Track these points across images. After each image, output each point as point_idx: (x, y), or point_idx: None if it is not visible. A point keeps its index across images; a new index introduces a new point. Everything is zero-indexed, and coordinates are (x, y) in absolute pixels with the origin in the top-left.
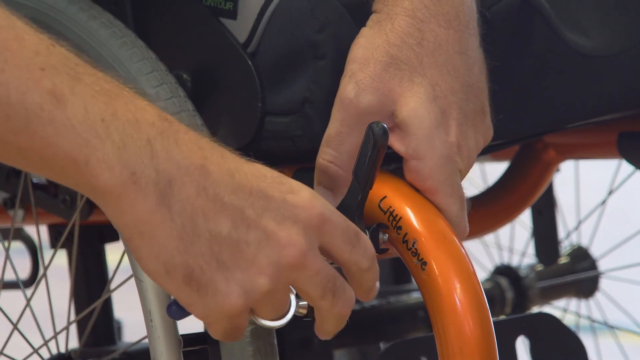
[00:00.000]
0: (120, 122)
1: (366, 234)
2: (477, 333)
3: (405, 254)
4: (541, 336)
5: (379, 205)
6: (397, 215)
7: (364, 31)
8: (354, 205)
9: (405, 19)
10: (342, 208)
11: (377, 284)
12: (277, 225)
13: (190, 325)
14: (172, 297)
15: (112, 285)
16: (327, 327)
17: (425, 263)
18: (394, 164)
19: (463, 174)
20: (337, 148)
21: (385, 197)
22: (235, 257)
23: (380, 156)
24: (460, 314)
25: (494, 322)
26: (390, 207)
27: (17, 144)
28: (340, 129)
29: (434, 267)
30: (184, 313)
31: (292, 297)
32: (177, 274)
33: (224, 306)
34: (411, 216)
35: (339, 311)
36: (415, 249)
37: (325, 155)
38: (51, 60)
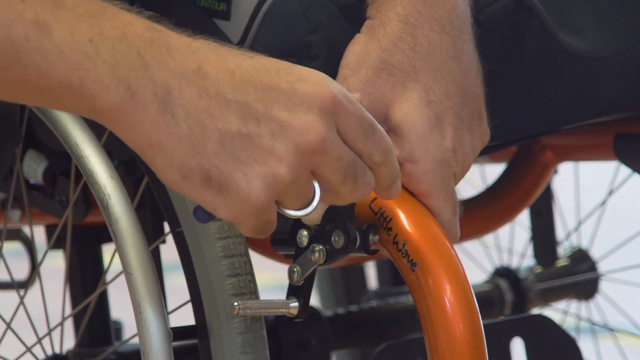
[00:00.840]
0: (109, 40)
1: (357, 235)
2: (466, 335)
3: (396, 255)
4: (536, 337)
5: (370, 206)
6: (387, 216)
7: (358, 38)
8: (344, 207)
9: (397, 24)
10: (332, 210)
11: (398, 183)
12: (290, 114)
13: (180, 319)
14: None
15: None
16: (341, 203)
17: (415, 264)
18: None
19: (458, 178)
20: None
21: (376, 198)
22: (251, 152)
23: None
24: (450, 316)
25: (489, 324)
26: (381, 208)
27: (10, 79)
28: None
29: (424, 268)
30: (209, 216)
31: (316, 185)
32: (195, 177)
33: (249, 202)
34: (402, 217)
35: (358, 195)
36: (406, 250)
37: None
38: None
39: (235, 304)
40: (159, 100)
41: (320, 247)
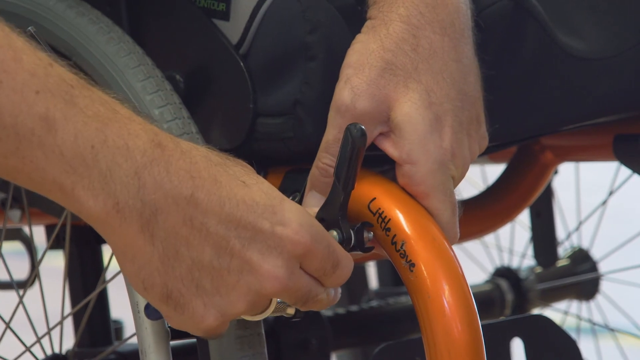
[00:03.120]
0: (110, 150)
1: (351, 233)
2: (465, 335)
3: (394, 256)
4: (536, 338)
5: (369, 207)
6: (386, 217)
7: (359, 37)
8: (336, 207)
9: (400, 25)
10: (325, 209)
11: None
12: (261, 257)
13: None
14: None
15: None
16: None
17: (413, 265)
18: (387, 165)
19: (456, 181)
20: (335, 154)
21: (374, 198)
22: (216, 284)
23: (359, 158)
24: (449, 316)
25: (488, 324)
26: (380, 208)
27: (6, 165)
28: (338, 136)
29: (422, 268)
30: (160, 315)
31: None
32: (155, 292)
33: (200, 325)
34: (400, 218)
35: (319, 307)
36: (404, 250)
37: (325, 160)
38: (47, 83)
39: None
40: (144, 220)
41: None
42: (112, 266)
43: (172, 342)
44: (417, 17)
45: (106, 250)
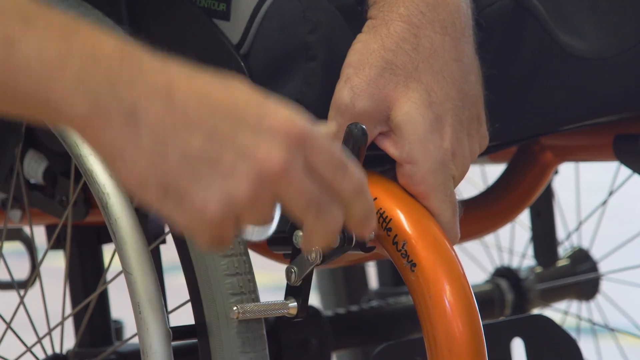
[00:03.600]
0: (77, 57)
1: (352, 233)
2: (466, 335)
3: (395, 256)
4: (536, 338)
5: None
6: (387, 217)
7: (360, 37)
8: None
9: (400, 24)
10: None
11: (372, 221)
12: (255, 138)
13: (180, 318)
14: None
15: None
16: (312, 238)
17: (414, 264)
18: (388, 165)
19: (457, 180)
20: None
21: (375, 198)
22: (212, 170)
23: (361, 157)
24: (450, 316)
25: (489, 324)
26: (381, 208)
27: None
28: (337, 135)
29: (424, 268)
30: (162, 223)
31: (276, 209)
32: (152, 187)
33: (204, 214)
34: (401, 218)
35: (320, 229)
36: (405, 250)
37: None
38: (1, 4)
39: (235, 308)
40: (124, 117)
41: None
42: (113, 267)
43: (174, 343)
44: (418, 17)
45: (107, 251)
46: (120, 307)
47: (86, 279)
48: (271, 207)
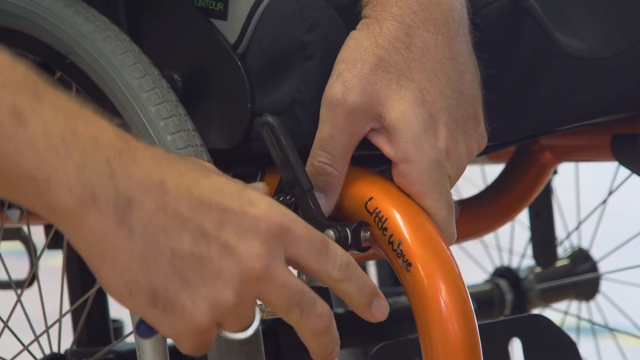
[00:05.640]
0: (80, 141)
1: (348, 233)
2: (461, 335)
3: (391, 255)
4: (534, 338)
5: (366, 206)
6: (383, 216)
7: (353, 34)
8: (311, 210)
9: (393, 23)
10: (305, 218)
11: (378, 299)
12: (238, 239)
13: None
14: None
15: None
16: (307, 342)
17: (410, 264)
18: (385, 165)
19: (453, 180)
20: (331, 151)
21: (371, 198)
22: (199, 273)
23: (289, 143)
24: (445, 316)
25: (486, 324)
26: (377, 208)
27: None
28: (332, 132)
29: (419, 268)
30: (152, 332)
31: (257, 310)
32: (142, 295)
33: (191, 323)
34: (397, 218)
35: (310, 327)
36: (401, 250)
37: (320, 158)
38: (12, 78)
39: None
40: (119, 211)
41: None
42: None
43: (170, 341)
44: (411, 16)
45: None
46: (120, 307)
47: (84, 277)
48: (252, 309)
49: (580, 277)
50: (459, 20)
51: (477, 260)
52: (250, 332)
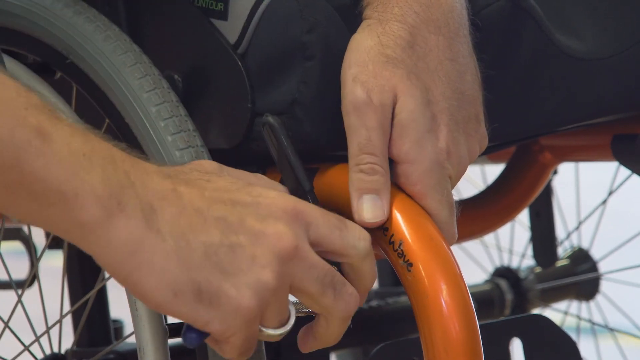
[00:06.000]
0: (99, 157)
1: None
2: (462, 335)
3: (392, 255)
4: (534, 338)
5: None
6: None
7: (355, 36)
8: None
9: (396, 24)
10: None
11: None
12: (261, 225)
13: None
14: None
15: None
16: (332, 329)
17: (411, 264)
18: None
19: (454, 180)
20: (373, 151)
21: None
22: (235, 261)
23: (289, 143)
24: (446, 316)
25: (487, 324)
26: None
27: (5, 182)
28: (368, 134)
29: (420, 268)
30: (201, 335)
31: (291, 307)
32: (187, 293)
33: (239, 311)
34: (398, 217)
35: (343, 307)
36: (402, 250)
37: (366, 160)
38: (31, 101)
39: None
40: (146, 217)
41: None
42: None
43: (170, 342)
44: (412, 16)
45: None
46: (120, 307)
47: (85, 278)
48: (287, 298)
49: (580, 277)
50: (459, 21)
51: (477, 260)
52: (288, 327)
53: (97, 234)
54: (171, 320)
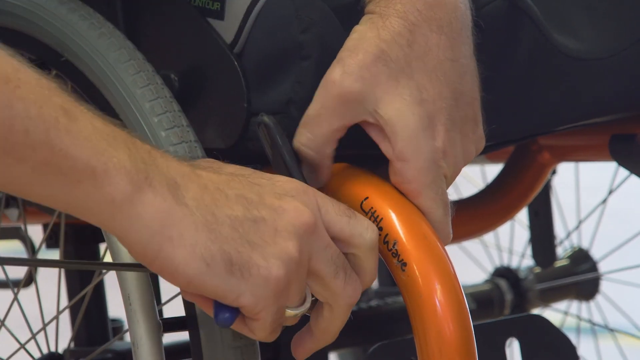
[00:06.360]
0: (122, 137)
1: None
2: (456, 335)
3: (386, 255)
4: (532, 338)
5: (361, 206)
6: (378, 216)
7: (357, 27)
8: None
9: (397, 20)
10: None
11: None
12: (280, 201)
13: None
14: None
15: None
16: (335, 320)
17: (405, 264)
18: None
19: (449, 180)
20: (312, 130)
21: (367, 197)
22: (259, 234)
23: (284, 142)
24: (440, 316)
25: (484, 324)
26: (372, 207)
27: (35, 160)
28: (320, 111)
29: (414, 268)
30: (234, 314)
31: (307, 289)
32: (218, 264)
33: (269, 281)
34: (392, 217)
35: (351, 293)
36: (396, 249)
37: (302, 138)
38: (51, 84)
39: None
40: (172, 191)
41: None
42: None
43: (165, 340)
44: (414, 14)
45: (102, 249)
46: (120, 307)
47: (83, 277)
48: (305, 282)
49: (580, 277)
50: (463, 21)
51: (477, 260)
52: (306, 306)
53: (127, 210)
54: (166, 315)
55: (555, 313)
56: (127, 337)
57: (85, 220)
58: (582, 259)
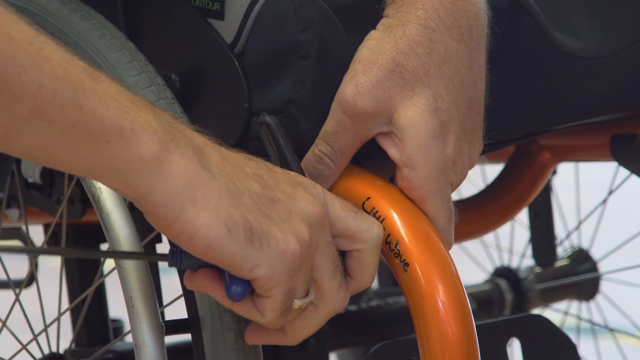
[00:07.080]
0: (144, 101)
1: None
2: (459, 334)
3: (388, 255)
4: (533, 337)
5: (363, 206)
6: (380, 216)
7: (374, 34)
8: None
9: (417, 27)
10: None
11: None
12: (293, 189)
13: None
14: (226, 279)
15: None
16: (312, 323)
17: (407, 264)
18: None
19: (454, 187)
20: (332, 144)
21: (369, 198)
22: (276, 210)
23: (286, 142)
24: (442, 316)
25: (485, 324)
26: (374, 208)
27: (63, 121)
28: (337, 128)
29: (417, 268)
30: (246, 288)
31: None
32: (239, 230)
33: (286, 254)
34: (394, 217)
35: (340, 301)
36: (398, 250)
37: (322, 147)
38: (69, 50)
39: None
40: (197, 155)
41: None
42: (109, 262)
43: (167, 341)
44: (435, 21)
45: (102, 249)
46: (120, 307)
47: (84, 278)
48: (310, 275)
49: (580, 277)
50: (482, 29)
51: (477, 260)
52: (311, 296)
53: (154, 168)
54: (168, 317)
55: (556, 313)
56: (128, 337)
57: (105, 183)
58: (582, 259)
